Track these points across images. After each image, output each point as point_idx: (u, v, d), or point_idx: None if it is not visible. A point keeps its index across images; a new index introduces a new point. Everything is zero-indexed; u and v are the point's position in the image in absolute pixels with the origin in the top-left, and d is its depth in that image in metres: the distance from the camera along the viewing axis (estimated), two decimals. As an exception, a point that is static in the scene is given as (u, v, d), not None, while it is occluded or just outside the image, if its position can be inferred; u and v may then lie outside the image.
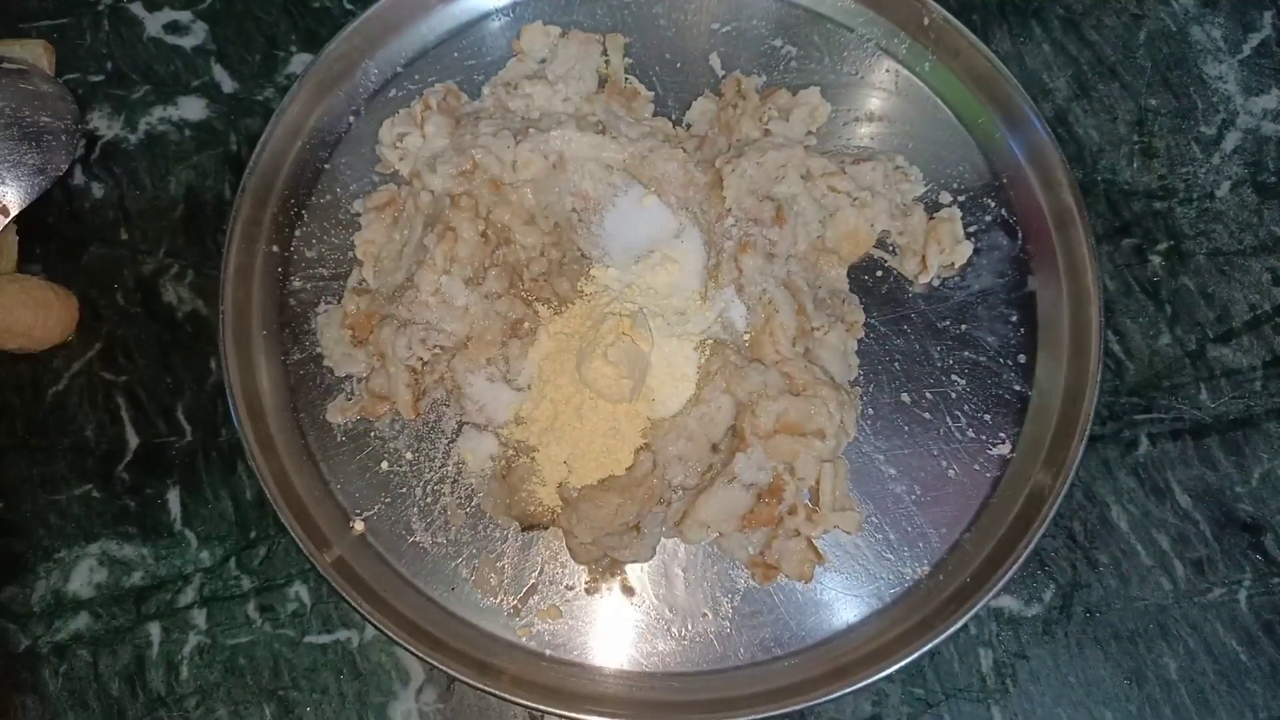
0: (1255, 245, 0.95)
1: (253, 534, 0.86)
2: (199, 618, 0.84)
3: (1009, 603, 0.86)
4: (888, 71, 0.98)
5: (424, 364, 0.86)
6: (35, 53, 0.97)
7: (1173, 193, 0.96)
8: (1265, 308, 0.93)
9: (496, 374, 0.86)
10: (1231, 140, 0.98)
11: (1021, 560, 0.80)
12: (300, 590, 0.85)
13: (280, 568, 0.85)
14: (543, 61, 0.98)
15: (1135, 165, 0.97)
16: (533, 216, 0.90)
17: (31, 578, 0.85)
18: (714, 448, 0.84)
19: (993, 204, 0.94)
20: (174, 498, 0.87)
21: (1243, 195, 0.96)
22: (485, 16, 0.99)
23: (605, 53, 0.98)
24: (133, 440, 0.88)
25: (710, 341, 0.86)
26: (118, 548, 0.86)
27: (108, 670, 0.83)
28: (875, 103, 0.97)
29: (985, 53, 0.93)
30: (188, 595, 0.85)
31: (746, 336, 0.87)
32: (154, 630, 0.84)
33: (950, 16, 0.94)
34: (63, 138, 0.92)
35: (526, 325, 0.86)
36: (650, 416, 0.84)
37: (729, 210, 0.89)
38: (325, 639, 0.84)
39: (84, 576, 0.85)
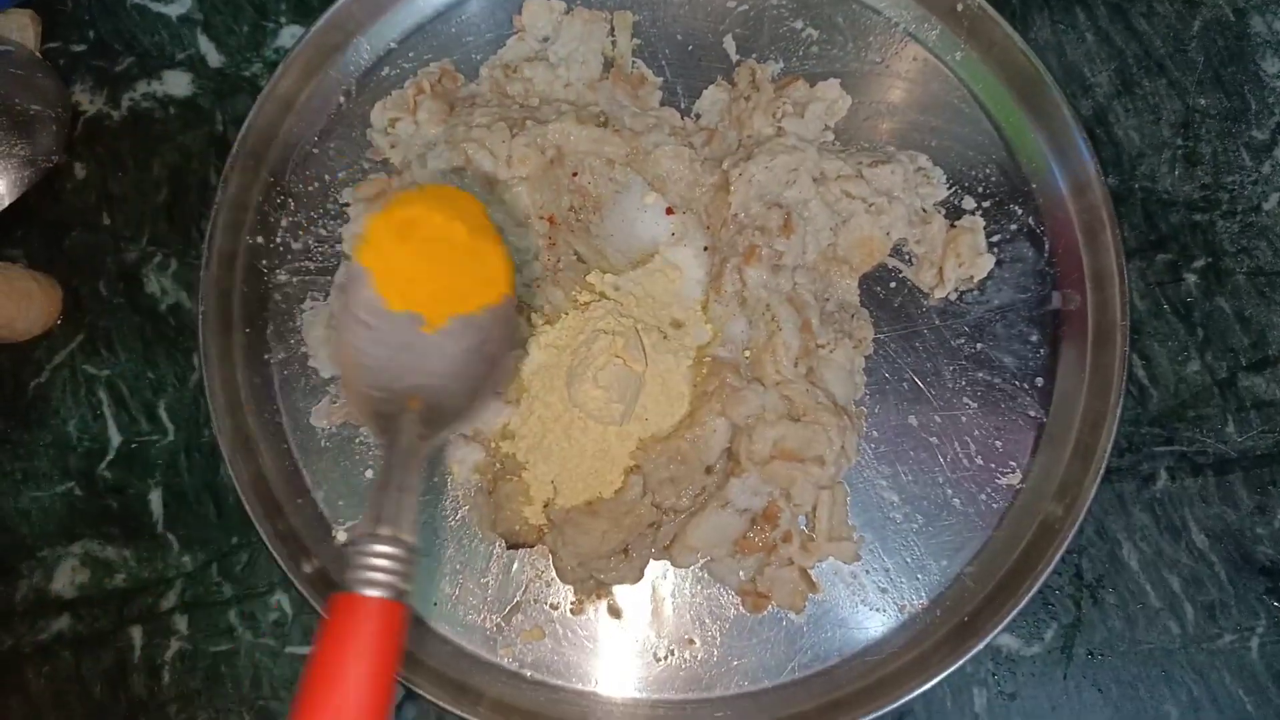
0: (1301, 265, 0.89)
1: (234, 539, 0.84)
2: (181, 623, 0.83)
3: (1008, 641, 0.83)
4: (915, 60, 0.91)
5: (410, 372, 0.83)
6: (22, 23, 0.92)
7: (1215, 204, 0.90)
8: (1306, 334, 0.87)
9: (485, 386, 0.82)
10: (1285, 146, 0.91)
11: (1026, 599, 0.77)
12: (282, 599, 0.83)
13: (262, 575, 0.84)
14: (545, 40, 0.92)
15: (1177, 172, 0.90)
16: (527, 216, 0.85)
17: (14, 575, 0.84)
18: (707, 470, 0.81)
19: (1019, 211, 0.88)
20: (156, 499, 0.85)
21: (1291, 209, 0.90)
22: (485, -11, 0.93)
23: (612, 33, 0.91)
24: (115, 438, 0.86)
25: (708, 359, 0.82)
26: (100, 548, 0.84)
27: (90, 672, 0.82)
28: (899, 94, 0.91)
29: (1021, 45, 0.86)
30: (169, 600, 0.83)
31: (747, 353, 0.83)
32: (136, 634, 0.83)
33: (985, 3, 0.87)
34: (53, 127, 0.87)
35: (518, 334, 0.82)
36: (641, 435, 0.81)
37: (735, 216, 0.84)
38: (307, 650, 0.83)
39: (66, 576, 0.84)
